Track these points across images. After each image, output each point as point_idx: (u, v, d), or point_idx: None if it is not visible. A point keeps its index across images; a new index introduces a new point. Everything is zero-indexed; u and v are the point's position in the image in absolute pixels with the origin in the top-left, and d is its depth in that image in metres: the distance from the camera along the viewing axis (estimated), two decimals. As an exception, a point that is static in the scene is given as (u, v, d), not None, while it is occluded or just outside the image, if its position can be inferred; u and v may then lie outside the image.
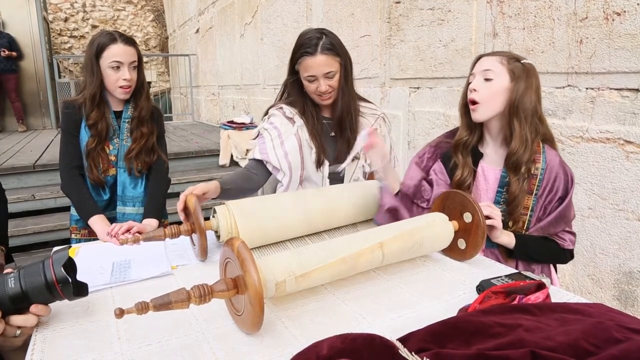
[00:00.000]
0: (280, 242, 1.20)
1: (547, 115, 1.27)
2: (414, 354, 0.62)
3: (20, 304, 0.76)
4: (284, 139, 1.48)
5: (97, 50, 1.59)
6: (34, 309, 0.77)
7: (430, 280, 1.01)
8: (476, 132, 1.30)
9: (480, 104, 1.22)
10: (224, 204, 1.16)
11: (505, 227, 1.21)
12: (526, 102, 1.18)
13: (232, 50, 6.26)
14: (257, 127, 1.58)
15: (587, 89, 1.78)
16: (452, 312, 0.83)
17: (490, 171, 1.28)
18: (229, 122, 5.01)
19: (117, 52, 1.59)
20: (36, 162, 3.93)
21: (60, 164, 1.66)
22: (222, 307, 0.85)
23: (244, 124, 4.87)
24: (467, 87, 1.26)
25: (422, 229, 1.02)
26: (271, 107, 1.56)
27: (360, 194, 1.32)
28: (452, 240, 1.08)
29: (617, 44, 1.66)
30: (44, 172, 3.89)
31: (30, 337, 0.79)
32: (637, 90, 1.62)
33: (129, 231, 1.39)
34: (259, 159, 1.49)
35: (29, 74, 7.24)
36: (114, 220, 1.66)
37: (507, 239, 1.18)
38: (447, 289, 0.96)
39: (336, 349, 0.63)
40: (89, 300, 0.87)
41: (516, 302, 0.80)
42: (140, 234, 1.03)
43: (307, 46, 1.38)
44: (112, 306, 0.89)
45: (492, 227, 1.14)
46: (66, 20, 10.20)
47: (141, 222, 1.58)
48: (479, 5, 2.23)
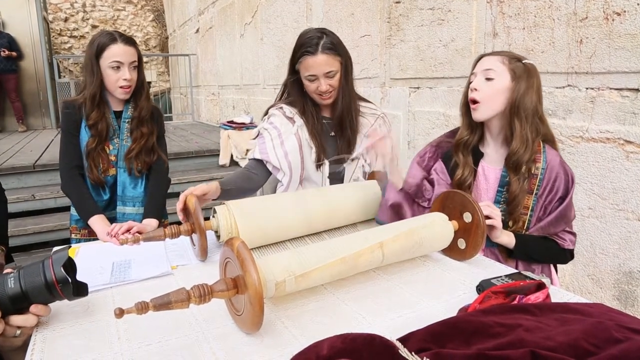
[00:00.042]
0: (280, 242, 1.20)
1: (547, 115, 1.27)
2: (414, 354, 0.62)
3: (20, 304, 0.76)
4: (284, 139, 1.48)
5: (97, 50, 1.59)
6: (34, 309, 0.77)
7: (430, 280, 1.01)
8: (477, 131, 1.30)
9: (480, 103, 1.22)
10: (224, 204, 1.16)
11: (505, 226, 1.21)
12: (527, 102, 1.18)
13: (232, 50, 6.26)
14: (257, 127, 1.58)
15: (587, 88, 1.78)
16: (452, 312, 0.83)
17: (490, 171, 1.28)
18: (229, 122, 5.01)
19: (117, 52, 1.59)
20: (36, 162, 3.93)
21: (60, 164, 1.66)
22: (222, 307, 0.85)
23: (244, 124, 4.87)
24: (468, 86, 1.26)
25: (422, 229, 1.02)
26: (271, 107, 1.56)
27: (360, 193, 1.32)
28: (452, 240, 1.08)
29: (617, 44, 1.66)
30: (44, 172, 3.90)
31: (30, 337, 0.79)
32: (637, 90, 1.62)
33: (129, 231, 1.39)
34: (259, 159, 1.49)
35: (29, 74, 7.25)
36: (114, 220, 1.66)
37: (507, 239, 1.18)
38: (447, 288, 0.96)
39: (336, 348, 0.63)
40: (89, 300, 0.87)
41: (516, 302, 0.80)
42: (140, 234, 1.03)
43: (307, 45, 1.38)
44: (112, 306, 0.89)
45: (492, 227, 1.14)
46: (66, 20, 10.20)
47: (141, 222, 1.58)
48: (479, 5, 2.23)
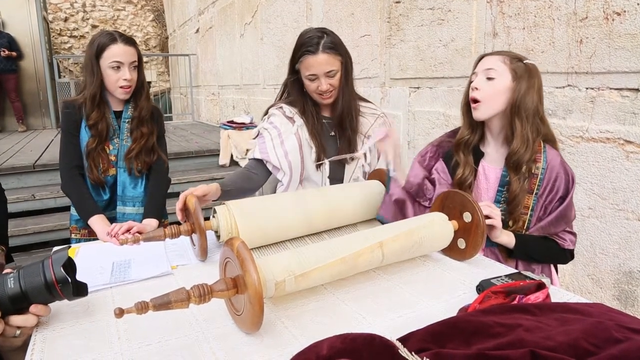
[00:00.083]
0: (280, 242, 1.20)
1: (547, 115, 1.27)
2: (414, 353, 0.62)
3: (19, 304, 0.76)
4: (284, 139, 1.48)
5: (97, 50, 1.59)
6: (34, 309, 0.77)
7: (430, 280, 1.01)
8: (478, 131, 1.30)
9: (481, 102, 1.22)
10: (224, 204, 1.16)
11: (505, 226, 1.21)
12: (528, 102, 1.18)
13: (232, 50, 6.26)
14: (257, 127, 1.58)
15: (587, 88, 1.78)
16: (452, 312, 0.83)
17: (491, 170, 1.28)
18: (229, 122, 5.01)
19: (117, 52, 1.59)
20: (36, 162, 3.93)
21: (60, 164, 1.66)
22: (222, 307, 0.85)
23: (244, 123, 4.87)
24: (469, 86, 1.26)
25: (421, 229, 1.02)
26: (271, 107, 1.56)
27: (360, 193, 1.32)
28: (452, 240, 1.08)
29: (617, 43, 1.66)
30: (44, 172, 3.90)
31: (30, 337, 0.79)
32: (637, 90, 1.62)
33: (129, 231, 1.39)
34: (259, 159, 1.49)
35: (29, 74, 7.25)
36: (114, 220, 1.66)
37: (507, 239, 1.18)
38: (447, 288, 0.96)
39: (336, 349, 0.63)
40: (88, 300, 0.87)
41: (516, 302, 0.80)
42: (140, 234, 1.03)
43: (308, 45, 1.38)
44: (112, 306, 0.89)
45: (491, 227, 1.14)
46: (66, 20, 10.20)
47: (141, 222, 1.58)
48: (479, 5, 2.23)
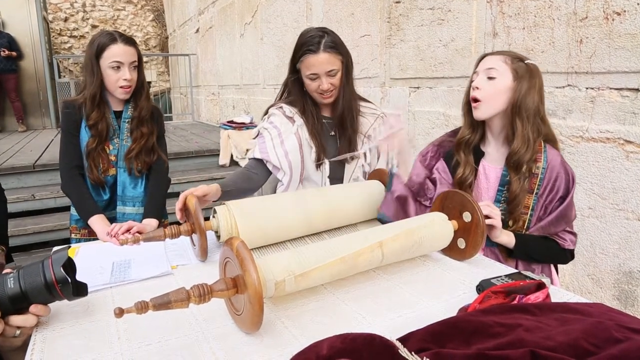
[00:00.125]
0: (280, 242, 1.20)
1: (547, 115, 1.27)
2: (413, 353, 0.62)
3: (19, 304, 0.76)
4: (284, 138, 1.48)
5: (97, 50, 1.59)
6: (34, 309, 0.77)
7: (430, 280, 1.01)
8: (478, 130, 1.31)
9: (482, 102, 1.22)
10: (224, 204, 1.16)
11: (505, 226, 1.21)
12: (529, 102, 1.18)
13: (232, 50, 6.26)
14: (257, 126, 1.58)
15: (587, 88, 1.78)
16: (452, 312, 0.83)
17: (491, 170, 1.28)
18: (229, 121, 5.01)
19: (117, 52, 1.59)
20: (36, 162, 3.93)
21: (60, 164, 1.66)
22: (222, 307, 0.85)
23: (244, 123, 4.87)
24: (470, 85, 1.26)
25: (421, 229, 1.02)
26: (271, 107, 1.56)
27: (361, 193, 1.32)
28: (451, 239, 1.08)
29: (617, 43, 1.66)
30: (44, 172, 3.90)
31: (29, 337, 0.79)
32: (637, 90, 1.62)
33: (128, 231, 1.39)
34: (259, 158, 1.49)
35: (29, 74, 7.25)
36: (114, 220, 1.66)
37: (507, 239, 1.18)
38: (447, 288, 0.96)
39: (336, 348, 0.63)
40: (88, 300, 0.87)
41: (516, 302, 0.80)
42: (140, 234, 1.03)
43: (309, 44, 1.38)
44: (112, 306, 0.89)
45: (491, 227, 1.14)
46: (66, 20, 10.20)
47: (141, 222, 1.58)
48: (479, 5, 2.23)
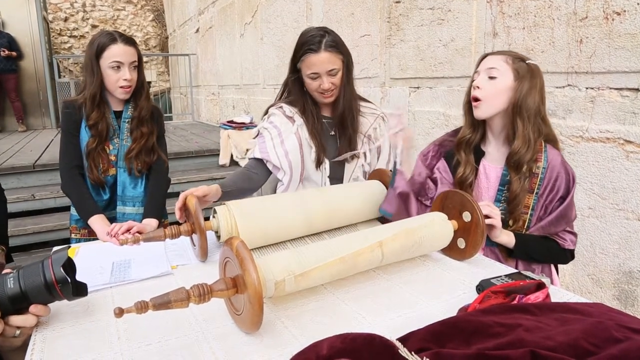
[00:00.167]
0: (280, 242, 1.20)
1: (547, 115, 1.28)
2: (413, 353, 0.62)
3: (19, 304, 0.76)
4: (284, 138, 1.48)
5: (97, 50, 1.59)
6: (34, 309, 0.77)
7: (430, 279, 1.01)
8: (479, 130, 1.31)
9: (482, 101, 1.22)
10: (224, 204, 1.16)
11: (505, 225, 1.21)
12: (529, 102, 1.18)
13: (232, 50, 6.25)
14: (257, 126, 1.58)
15: (587, 88, 1.78)
16: (452, 312, 0.83)
17: (491, 169, 1.28)
18: (229, 121, 5.01)
19: (117, 52, 1.59)
20: (36, 162, 3.93)
21: (60, 164, 1.66)
22: (222, 307, 0.85)
23: (243, 123, 4.86)
24: (471, 84, 1.26)
25: (421, 228, 1.02)
26: (271, 106, 1.56)
27: (361, 193, 1.32)
28: (451, 239, 1.08)
29: (617, 43, 1.65)
30: (44, 172, 3.90)
31: (29, 337, 0.79)
32: (637, 90, 1.62)
33: (128, 231, 1.39)
34: (259, 158, 1.49)
35: (28, 74, 7.25)
36: (114, 220, 1.66)
37: (507, 239, 1.18)
38: (447, 288, 0.96)
39: (336, 348, 0.63)
40: (88, 300, 0.87)
41: (516, 302, 0.80)
42: (140, 234, 1.03)
43: (310, 43, 1.38)
44: (111, 306, 0.88)
45: (491, 227, 1.14)
46: (66, 20, 10.20)
47: (141, 222, 1.58)
48: (479, 4, 2.23)
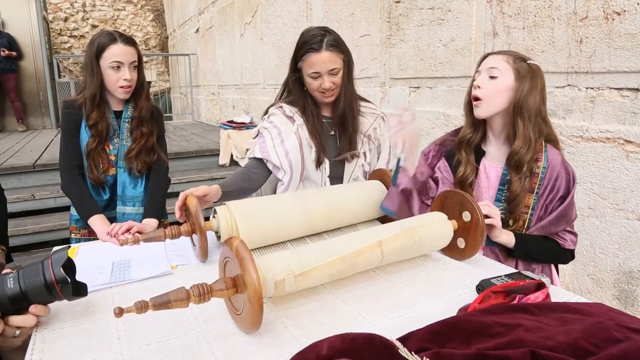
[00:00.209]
0: (280, 242, 1.20)
1: (547, 114, 1.28)
2: (413, 353, 0.62)
3: (19, 304, 0.76)
4: (284, 138, 1.48)
5: (97, 50, 1.59)
6: (33, 309, 0.77)
7: (430, 279, 1.01)
8: (480, 129, 1.31)
9: (482, 100, 1.22)
10: (224, 204, 1.16)
11: (505, 225, 1.21)
12: (530, 102, 1.18)
13: (232, 50, 6.25)
14: (256, 126, 1.58)
15: (587, 88, 1.78)
16: (452, 312, 0.83)
17: (492, 169, 1.28)
18: (229, 121, 5.01)
19: (117, 52, 1.59)
20: (36, 161, 3.93)
21: (60, 164, 1.66)
22: (222, 307, 0.85)
23: (243, 123, 4.87)
24: (472, 84, 1.26)
25: (421, 228, 1.02)
26: (271, 106, 1.56)
27: (361, 194, 1.32)
28: (451, 239, 1.08)
29: (617, 43, 1.65)
30: (44, 171, 3.89)
31: (29, 337, 0.79)
32: (637, 89, 1.61)
33: (128, 231, 1.39)
34: (259, 158, 1.49)
35: (28, 74, 7.25)
36: (114, 220, 1.66)
37: (507, 238, 1.18)
38: (447, 288, 0.96)
39: (336, 348, 0.63)
40: (88, 300, 0.87)
41: (516, 302, 0.80)
42: (140, 234, 1.03)
43: (312, 43, 1.38)
44: (111, 306, 0.88)
45: (491, 226, 1.14)
46: (66, 19, 10.20)
47: (141, 222, 1.58)
48: (479, 4, 2.23)
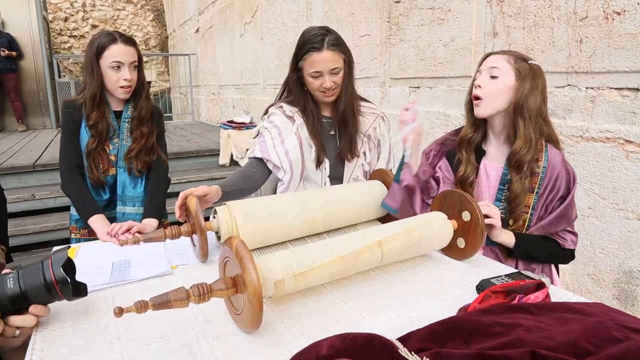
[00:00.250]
0: (280, 243, 1.20)
1: (548, 114, 1.28)
2: (413, 353, 0.62)
3: (19, 304, 0.76)
4: (284, 137, 1.48)
5: (98, 50, 1.59)
6: (33, 309, 0.77)
7: (430, 279, 1.01)
8: (480, 129, 1.31)
9: (483, 99, 1.22)
10: (224, 204, 1.15)
11: (505, 225, 1.21)
12: (531, 102, 1.18)
13: (232, 49, 6.25)
14: (256, 126, 1.58)
15: (587, 88, 1.78)
16: (452, 312, 0.83)
17: (492, 169, 1.28)
18: (229, 121, 5.01)
19: (117, 52, 1.59)
20: (36, 161, 3.93)
21: (60, 164, 1.66)
22: (222, 307, 0.85)
23: (243, 123, 4.87)
24: (473, 83, 1.26)
25: (421, 228, 1.02)
26: (271, 106, 1.56)
27: (361, 194, 1.32)
28: (451, 239, 1.08)
29: (617, 43, 1.65)
30: (44, 171, 3.89)
31: (29, 337, 0.79)
32: (637, 89, 1.61)
33: (128, 231, 1.39)
34: (259, 158, 1.49)
35: (28, 74, 7.25)
36: (114, 220, 1.66)
37: (507, 238, 1.18)
38: (447, 288, 0.96)
39: (336, 348, 0.63)
40: (88, 300, 0.87)
41: (516, 302, 0.80)
42: (140, 234, 1.03)
43: (313, 42, 1.38)
44: (111, 306, 0.88)
45: (491, 226, 1.14)
46: (66, 19, 10.20)
47: (141, 222, 1.58)
48: (479, 4, 2.23)
